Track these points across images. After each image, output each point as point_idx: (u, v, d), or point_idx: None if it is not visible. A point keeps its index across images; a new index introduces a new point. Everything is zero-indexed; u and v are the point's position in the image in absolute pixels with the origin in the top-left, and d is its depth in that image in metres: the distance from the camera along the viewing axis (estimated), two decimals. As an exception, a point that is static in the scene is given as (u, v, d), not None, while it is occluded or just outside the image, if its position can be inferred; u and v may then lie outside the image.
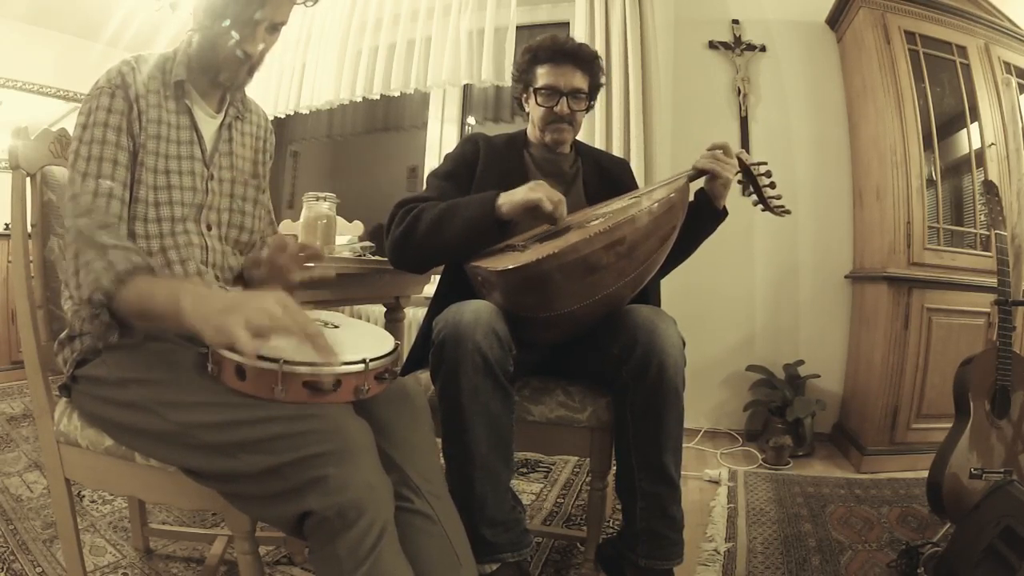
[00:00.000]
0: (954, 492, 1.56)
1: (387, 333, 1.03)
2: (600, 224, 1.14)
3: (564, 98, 1.46)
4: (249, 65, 1.07)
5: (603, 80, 1.56)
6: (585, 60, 1.48)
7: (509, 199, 1.26)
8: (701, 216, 1.41)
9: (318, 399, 0.85)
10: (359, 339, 0.97)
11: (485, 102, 3.38)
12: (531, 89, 1.50)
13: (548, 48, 1.48)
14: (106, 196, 0.96)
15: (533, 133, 1.54)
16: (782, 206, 1.42)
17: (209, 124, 1.12)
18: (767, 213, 1.45)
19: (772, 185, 1.41)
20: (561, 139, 1.51)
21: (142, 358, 0.94)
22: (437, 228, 1.30)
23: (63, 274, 0.95)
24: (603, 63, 1.56)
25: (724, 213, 1.43)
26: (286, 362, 0.82)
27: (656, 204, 1.17)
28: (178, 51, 1.08)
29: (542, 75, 1.47)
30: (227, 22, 1.00)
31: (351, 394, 0.88)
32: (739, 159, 1.38)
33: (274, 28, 1.06)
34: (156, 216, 1.02)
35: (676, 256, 1.39)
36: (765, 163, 1.41)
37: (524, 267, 1.11)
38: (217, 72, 1.06)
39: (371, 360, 0.89)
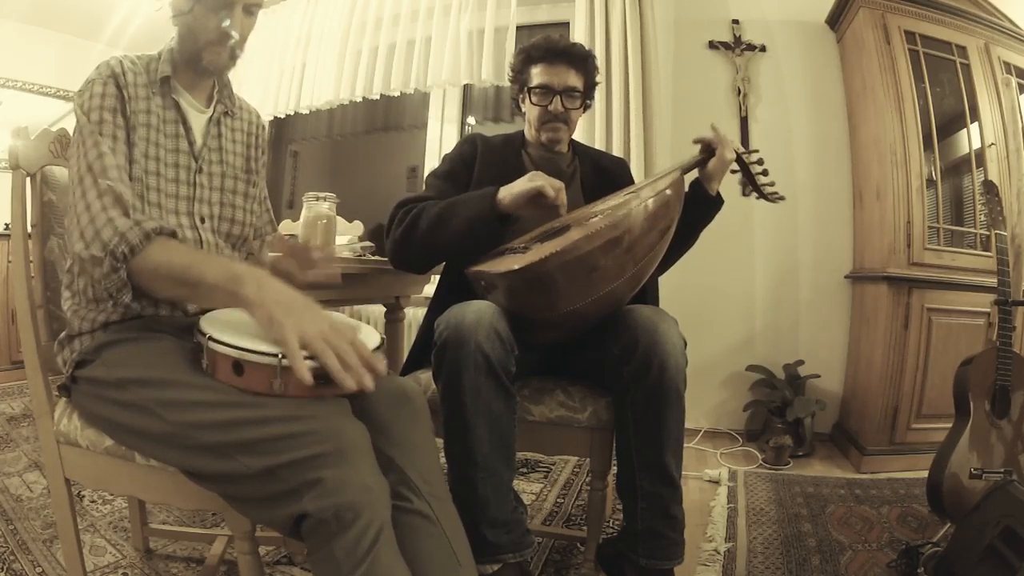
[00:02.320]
0: (954, 492, 1.56)
1: (371, 327, 1.04)
2: (600, 221, 1.14)
3: (558, 96, 1.47)
4: (230, 48, 1.07)
5: (598, 79, 1.57)
6: (578, 58, 1.49)
7: (509, 191, 1.26)
8: (697, 205, 1.42)
9: (314, 393, 0.85)
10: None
11: (485, 102, 3.38)
12: (526, 89, 1.51)
13: (541, 47, 1.49)
14: (115, 167, 0.97)
15: (530, 133, 1.55)
16: (776, 192, 1.46)
17: (198, 118, 1.13)
18: (769, 210, 1.47)
19: (765, 172, 1.44)
20: (556, 138, 1.51)
21: (140, 358, 0.94)
22: (438, 226, 1.30)
23: (69, 251, 0.96)
24: (597, 62, 1.57)
25: (720, 200, 1.44)
26: (284, 356, 0.82)
27: (654, 198, 1.18)
28: (162, 52, 1.10)
29: (536, 74, 1.48)
30: (206, 6, 1.02)
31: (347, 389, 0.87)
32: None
33: (250, 10, 1.08)
34: (146, 200, 1.03)
35: (676, 249, 1.40)
36: (757, 151, 1.45)
37: (528, 267, 1.11)
38: (199, 57, 1.07)
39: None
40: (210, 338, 0.86)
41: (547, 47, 1.49)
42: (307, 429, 0.81)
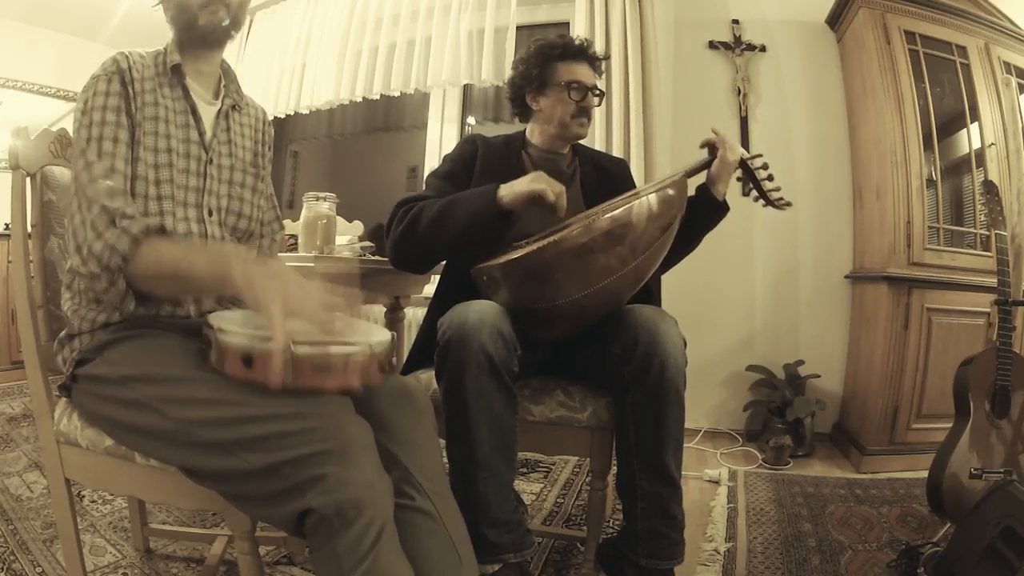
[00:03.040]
0: (954, 492, 1.56)
1: (382, 327, 1.04)
2: (600, 216, 1.15)
3: (589, 92, 1.50)
4: (226, 7, 1.06)
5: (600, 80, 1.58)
6: (596, 58, 1.54)
7: (510, 189, 1.26)
8: (702, 210, 1.42)
9: (319, 383, 0.84)
10: (358, 329, 0.97)
11: (485, 102, 3.38)
12: (550, 85, 1.50)
13: (567, 46, 1.51)
14: (110, 170, 0.97)
15: (547, 130, 1.53)
16: (782, 198, 1.43)
17: (207, 111, 1.12)
18: (769, 209, 1.45)
19: (770, 178, 1.43)
20: (584, 133, 1.54)
21: (143, 355, 0.94)
22: (439, 223, 1.30)
23: (68, 256, 0.96)
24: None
25: (725, 206, 1.43)
26: (295, 343, 0.81)
27: (654, 195, 1.19)
28: (168, 45, 1.09)
29: (568, 71, 1.49)
30: None
31: (356, 380, 0.86)
32: None
33: None
34: (157, 194, 1.02)
35: (679, 250, 1.39)
36: (761, 155, 1.43)
37: (526, 256, 1.13)
38: (195, 23, 1.05)
39: (375, 343, 0.88)
40: (219, 330, 0.85)
41: (572, 45, 1.51)
42: (310, 426, 0.81)
